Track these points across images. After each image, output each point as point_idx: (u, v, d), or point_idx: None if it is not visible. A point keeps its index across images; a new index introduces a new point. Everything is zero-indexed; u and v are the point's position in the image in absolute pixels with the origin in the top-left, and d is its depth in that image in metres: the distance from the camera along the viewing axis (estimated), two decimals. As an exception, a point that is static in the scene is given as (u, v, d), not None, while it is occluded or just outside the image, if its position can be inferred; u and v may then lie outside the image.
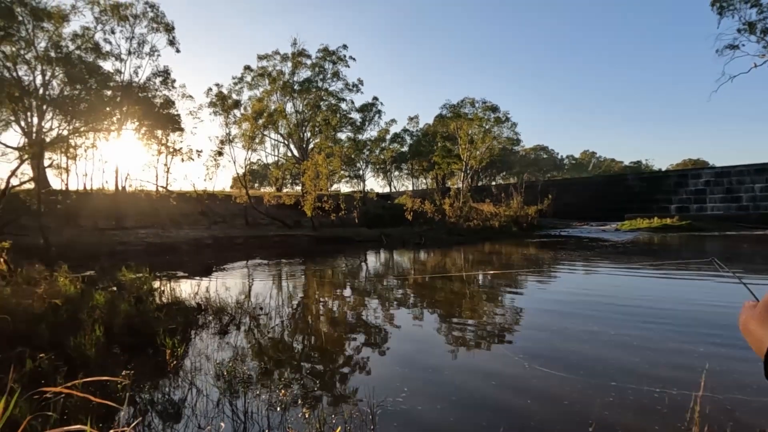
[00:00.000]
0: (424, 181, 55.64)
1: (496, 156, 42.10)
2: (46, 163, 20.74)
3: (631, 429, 3.01)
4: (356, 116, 38.88)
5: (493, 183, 49.76)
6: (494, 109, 36.54)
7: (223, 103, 26.94)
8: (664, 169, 53.10)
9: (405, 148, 48.70)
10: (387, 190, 52.08)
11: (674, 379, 3.78)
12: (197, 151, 24.90)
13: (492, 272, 11.53)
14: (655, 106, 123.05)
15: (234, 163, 27.50)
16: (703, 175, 31.92)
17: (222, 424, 3.16)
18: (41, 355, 3.55)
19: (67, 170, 21.11)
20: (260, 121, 27.78)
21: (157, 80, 25.38)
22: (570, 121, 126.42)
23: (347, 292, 9.06)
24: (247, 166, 28.17)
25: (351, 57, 36.15)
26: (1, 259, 7.84)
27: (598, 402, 3.39)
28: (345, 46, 35.59)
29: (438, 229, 25.35)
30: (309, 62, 35.71)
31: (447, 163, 39.29)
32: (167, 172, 25.64)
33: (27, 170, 15.98)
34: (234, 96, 30.27)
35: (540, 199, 29.49)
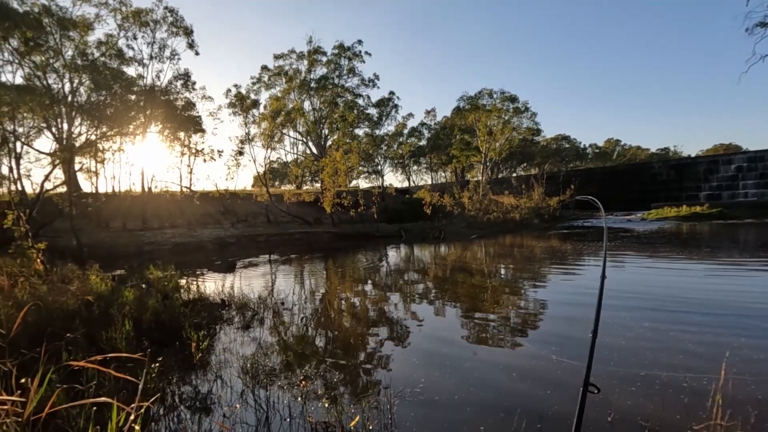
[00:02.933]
0: (443, 174, 55.32)
1: (515, 147, 41.50)
2: (77, 167, 21.58)
3: (651, 417, 2.96)
4: (373, 112, 38.94)
5: (514, 175, 49.00)
6: (513, 99, 35.96)
7: (241, 103, 27.41)
8: (693, 155, 51.19)
9: (423, 142, 48.50)
10: (406, 184, 52.03)
11: (698, 368, 3.69)
12: (218, 151, 25.47)
13: (513, 265, 11.42)
14: (684, 91, 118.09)
15: (254, 162, 28.02)
16: (735, 160, 30.59)
17: (245, 413, 3.27)
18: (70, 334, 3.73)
19: (96, 173, 21.92)
20: (278, 120, 28.14)
21: (178, 83, 26.03)
22: (593, 110, 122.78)
23: (367, 286, 9.14)
24: (267, 165, 28.62)
25: (366, 52, 36.16)
26: (38, 260, 8.24)
27: (621, 392, 3.34)
28: (360, 42, 35.60)
29: (457, 222, 25.21)
30: (324, 59, 35.89)
31: (466, 156, 38.91)
32: (190, 172, 26.35)
33: (59, 174, 16.71)
34: (252, 96, 30.78)
35: (562, 190, 28.92)
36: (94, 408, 2.42)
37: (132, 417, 1.18)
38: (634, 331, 4.87)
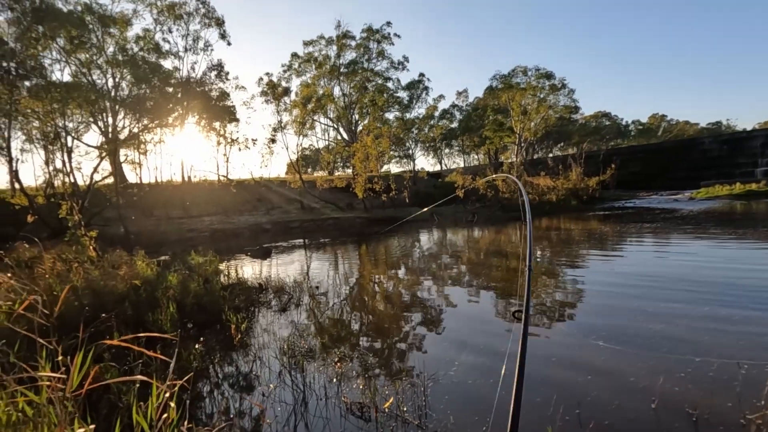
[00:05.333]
0: (476, 157, 54.21)
1: (552, 126, 39.90)
2: (122, 159, 22.69)
3: (699, 405, 2.82)
4: (403, 95, 38.40)
5: (550, 155, 47.25)
6: (549, 76, 34.43)
7: (273, 91, 27.78)
8: (749, 129, 47.35)
9: (454, 125, 47.54)
10: (437, 168, 51.35)
11: (756, 357, 3.46)
12: (252, 139, 26.03)
13: (549, 248, 11.10)
14: (738, 59, 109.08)
15: (287, 149, 28.66)
16: (797, 133, 28.10)
17: (283, 392, 3.38)
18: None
19: (139, 165, 22.99)
20: (309, 107, 28.36)
21: (212, 74, 26.62)
22: (636, 84, 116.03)
23: (400, 271, 9.17)
24: (300, 152, 29.03)
25: (395, 34, 35.54)
26: (91, 246, 8.79)
27: (668, 379, 3.19)
28: (389, 23, 34.99)
29: (491, 206, 24.72)
30: (353, 44, 35.59)
31: (499, 137, 37.84)
32: (226, 161, 27.13)
33: (106, 166, 17.63)
34: (283, 84, 31.03)
35: (602, 170, 27.67)
36: (137, 385, 2.57)
37: (167, 394, 1.23)
38: (686, 320, 4.61)
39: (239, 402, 3.30)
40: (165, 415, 1.20)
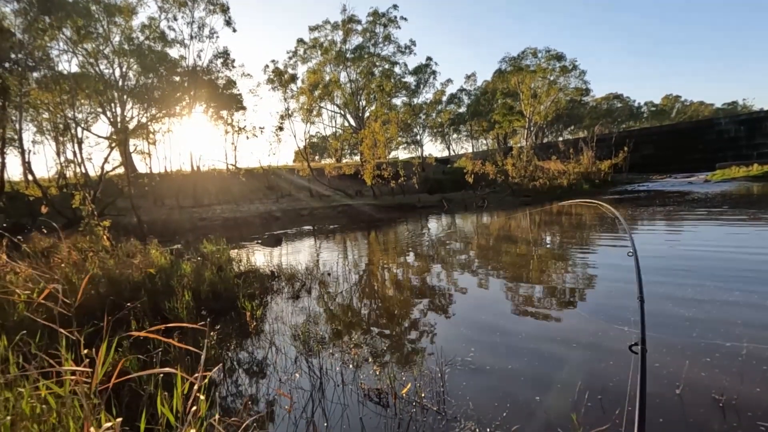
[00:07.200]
0: (485, 142, 53.61)
1: (562, 109, 39.22)
2: (132, 149, 22.82)
3: (726, 390, 2.75)
4: (410, 79, 37.95)
5: (560, 138, 46.52)
6: (559, 57, 33.71)
7: (280, 78, 27.58)
8: (767, 108, 46.01)
9: (463, 109, 46.98)
10: (446, 153, 50.96)
11: (781, 341, 3.38)
12: (260, 128, 25.98)
13: (560, 234, 10.97)
14: (754, 38, 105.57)
15: (294, 137, 28.67)
16: (818, 111, 27.23)
17: (300, 379, 3.38)
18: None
19: (149, 155, 23.10)
20: (316, 93, 28.14)
21: (218, 62, 26.50)
22: (648, 65, 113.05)
23: (410, 257, 9.14)
24: (307, 139, 28.93)
25: (402, 17, 34.97)
26: (105, 236, 8.88)
27: (695, 363, 3.13)
28: (395, 7, 34.44)
29: (501, 190, 24.51)
30: (359, 28, 35.11)
31: (508, 121, 37.32)
32: (235, 150, 27.17)
33: (116, 157, 17.73)
34: (290, 71, 30.82)
35: (614, 153, 27.18)
36: (161, 376, 2.58)
37: (195, 387, 1.20)
38: (718, 304, 4.51)
39: (256, 388, 3.31)
40: (194, 408, 1.18)
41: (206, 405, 1.42)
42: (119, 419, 1.10)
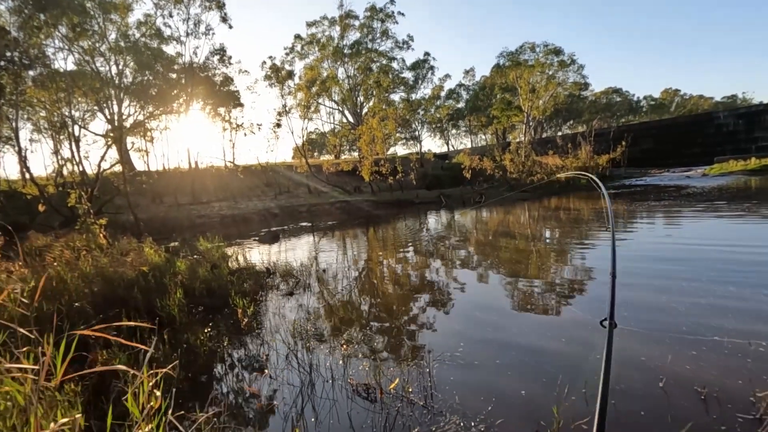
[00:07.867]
0: (483, 137, 53.57)
1: (561, 104, 39.08)
2: (129, 146, 22.78)
3: (709, 383, 2.78)
4: (408, 75, 37.86)
5: (559, 133, 46.47)
6: (558, 51, 33.58)
7: (277, 74, 27.50)
8: (766, 102, 45.84)
9: (461, 105, 46.87)
10: (444, 149, 50.86)
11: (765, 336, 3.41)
12: (257, 124, 25.94)
13: (557, 229, 11.00)
14: (753, 31, 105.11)
15: (292, 133, 28.54)
16: (817, 104, 27.16)
17: (290, 374, 3.41)
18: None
19: (147, 152, 23.11)
20: (314, 90, 28.09)
21: (215, 58, 26.40)
22: (647, 58, 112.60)
23: (407, 253, 9.16)
24: (305, 136, 28.89)
25: (399, 12, 34.83)
26: (101, 234, 8.90)
27: (679, 357, 3.16)
28: (393, 2, 34.23)
29: (499, 186, 24.52)
30: (357, 23, 34.97)
31: (507, 116, 37.26)
32: (232, 147, 27.16)
33: (113, 155, 17.73)
34: (287, 67, 30.67)
35: (613, 147, 27.17)
36: (131, 373, 2.60)
37: (147, 383, 1.23)
38: (707, 298, 4.54)
39: (246, 384, 3.34)
40: (151, 404, 1.21)
41: (166, 402, 1.45)
42: (78, 415, 1.12)
